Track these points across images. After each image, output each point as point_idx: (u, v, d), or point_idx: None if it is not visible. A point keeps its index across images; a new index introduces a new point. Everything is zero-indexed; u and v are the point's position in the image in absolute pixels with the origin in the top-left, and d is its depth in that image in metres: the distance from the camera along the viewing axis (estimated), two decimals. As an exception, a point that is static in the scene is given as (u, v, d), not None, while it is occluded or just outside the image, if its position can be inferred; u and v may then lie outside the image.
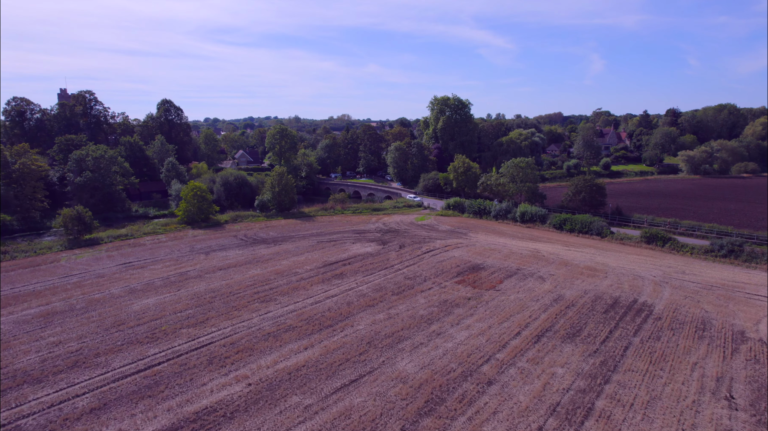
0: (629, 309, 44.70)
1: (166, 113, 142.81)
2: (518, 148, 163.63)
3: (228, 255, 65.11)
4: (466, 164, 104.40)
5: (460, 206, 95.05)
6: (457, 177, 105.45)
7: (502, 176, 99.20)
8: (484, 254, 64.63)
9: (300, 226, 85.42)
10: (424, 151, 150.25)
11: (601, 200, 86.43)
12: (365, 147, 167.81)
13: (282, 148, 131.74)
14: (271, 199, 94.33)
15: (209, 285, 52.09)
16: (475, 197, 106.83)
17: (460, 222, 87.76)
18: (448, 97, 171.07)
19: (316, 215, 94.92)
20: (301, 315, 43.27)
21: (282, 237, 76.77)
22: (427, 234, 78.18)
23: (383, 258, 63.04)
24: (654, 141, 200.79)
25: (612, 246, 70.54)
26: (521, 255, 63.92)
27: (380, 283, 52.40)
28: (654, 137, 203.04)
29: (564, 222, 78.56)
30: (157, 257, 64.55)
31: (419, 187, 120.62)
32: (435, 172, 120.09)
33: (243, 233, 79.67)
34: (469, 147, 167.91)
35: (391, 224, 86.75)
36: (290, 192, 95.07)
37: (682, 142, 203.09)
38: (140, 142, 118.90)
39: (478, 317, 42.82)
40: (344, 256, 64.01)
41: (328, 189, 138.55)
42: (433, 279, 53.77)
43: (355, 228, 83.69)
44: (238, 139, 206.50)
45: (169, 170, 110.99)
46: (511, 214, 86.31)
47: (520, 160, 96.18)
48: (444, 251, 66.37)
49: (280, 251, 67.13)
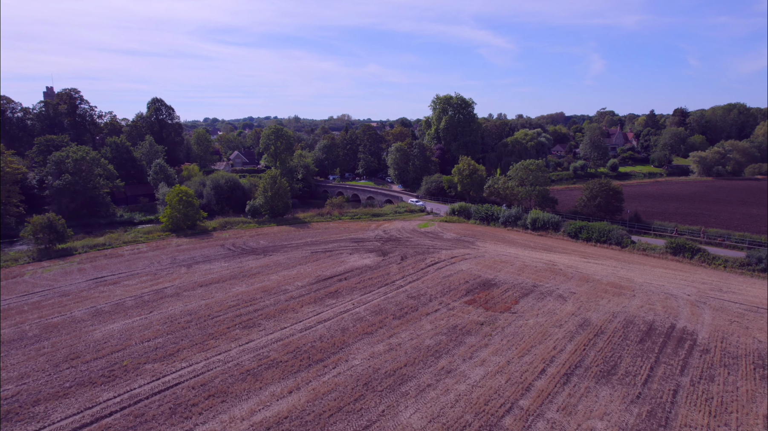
0: (668, 338, 38.55)
1: (156, 112, 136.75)
2: (524, 149, 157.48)
3: (212, 269, 59.00)
4: (471, 166, 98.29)
5: (465, 211, 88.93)
6: (461, 180, 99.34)
7: (510, 179, 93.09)
8: (495, 267, 58.50)
9: (294, 234, 79.31)
10: (426, 152, 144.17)
11: (618, 205, 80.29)
12: (365, 148, 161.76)
13: (277, 149, 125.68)
14: (263, 204, 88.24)
15: (186, 306, 45.98)
16: (481, 201, 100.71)
17: (466, 230, 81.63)
18: (450, 96, 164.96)
19: (311, 221, 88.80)
20: (288, 346, 37.15)
21: (273, 246, 70.66)
22: (431, 243, 72.07)
23: (383, 272, 56.91)
24: (663, 141, 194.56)
25: (634, 257, 64.38)
26: (536, 269, 57.79)
27: (380, 304, 46.28)
28: (662, 138, 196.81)
29: (580, 230, 72.42)
30: (134, 270, 58.43)
31: (421, 190, 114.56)
32: (438, 175, 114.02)
33: (231, 242, 73.56)
34: (472, 148, 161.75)
35: (391, 231, 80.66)
36: (284, 196, 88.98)
37: (692, 142, 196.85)
38: (127, 143, 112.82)
39: (494, 348, 36.69)
40: (340, 270, 57.89)
41: (326, 192, 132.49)
42: (440, 299, 47.65)
43: (353, 236, 77.60)
44: (233, 139, 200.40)
45: (157, 172, 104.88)
46: (522, 221, 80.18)
47: (530, 162, 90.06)
48: (450, 264, 60.25)
49: (269, 263, 61.02)
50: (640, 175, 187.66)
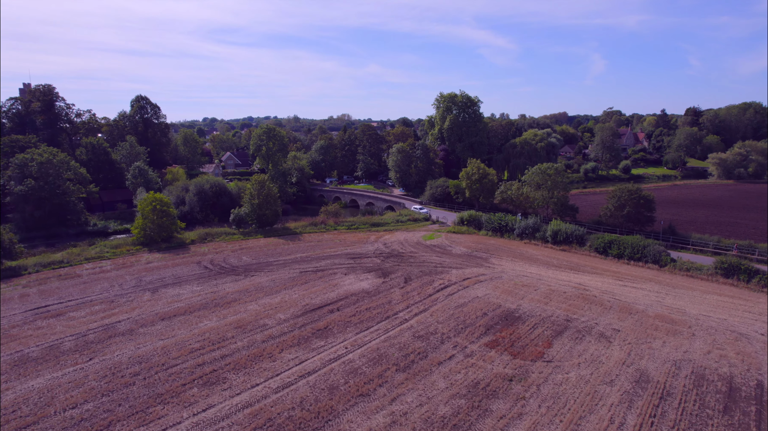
0: (761, 404, 29.28)
1: (141, 111, 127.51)
2: (533, 150, 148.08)
3: (181, 294, 49.79)
4: (481, 170, 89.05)
5: (476, 221, 79.67)
6: (470, 185, 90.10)
7: (525, 184, 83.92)
8: (517, 293, 49.25)
9: (282, 248, 70.09)
10: (430, 154, 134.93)
11: (649, 215, 71.02)
12: (364, 149, 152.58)
13: (269, 151, 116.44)
14: (250, 213, 79.02)
15: (138, 349, 36.78)
16: (492, 209, 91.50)
17: (477, 243, 72.37)
18: (455, 94, 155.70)
19: (303, 232, 79.52)
20: (257, 418, 27.93)
21: (257, 264, 61.44)
22: (439, 259, 62.85)
23: (383, 299, 47.68)
24: (677, 142, 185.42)
25: (678, 280, 55.07)
26: (565, 296, 48.54)
27: (379, 347, 37.06)
28: (677, 138, 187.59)
29: (609, 245, 63.16)
30: (88, 296, 49.22)
31: (425, 195, 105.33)
32: (443, 179, 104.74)
33: (210, 258, 64.35)
34: (478, 149, 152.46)
35: (393, 244, 71.43)
36: (273, 204, 79.76)
37: (708, 143, 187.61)
38: (105, 144, 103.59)
39: (531, 421, 27.46)
40: (332, 296, 48.68)
41: (322, 197, 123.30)
42: (454, 339, 38.42)
43: (349, 250, 68.39)
44: (227, 139, 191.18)
45: (136, 176, 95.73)
46: (540, 233, 70.90)
47: (548, 165, 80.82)
48: (463, 288, 51.00)
49: (249, 287, 51.80)
50: (653, 177, 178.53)
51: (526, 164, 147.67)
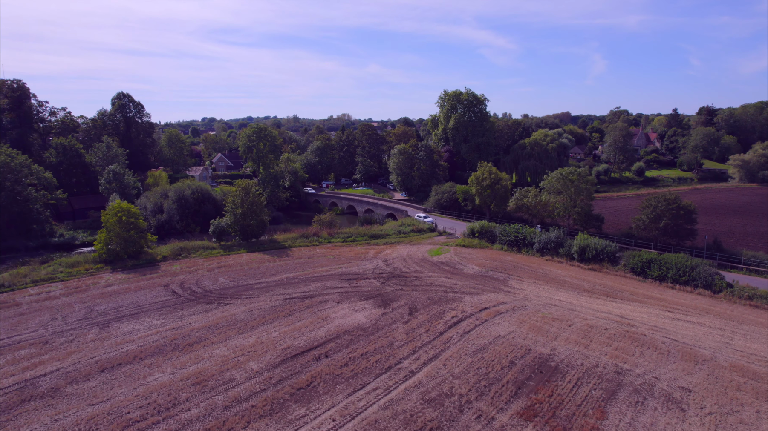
0: None
1: (122, 109, 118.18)
2: (544, 152, 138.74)
3: (136, 331, 40.52)
4: (493, 175, 79.67)
5: (488, 233, 70.32)
6: (481, 191, 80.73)
7: (543, 191, 74.65)
8: (547, 329, 39.96)
9: (267, 266, 60.81)
10: (434, 155, 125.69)
11: (690, 228, 61.68)
12: (363, 150, 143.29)
13: (260, 152, 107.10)
14: (232, 224, 69.71)
15: (54, 423, 27.52)
16: (505, 218, 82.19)
17: (491, 259, 63.07)
18: (460, 92, 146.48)
19: (293, 246, 70.18)
20: None
21: (235, 287, 52.16)
22: (449, 281, 53.56)
23: (384, 339, 38.40)
24: (693, 143, 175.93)
25: (740, 311, 45.70)
26: (608, 334, 39.23)
27: (378, 420, 27.76)
28: (692, 139, 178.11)
29: (648, 264, 53.84)
30: (17, 334, 39.96)
31: (430, 202, 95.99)
32: (450, 184, 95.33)
33: (181, 279, 55.09)
34: (485, 150, 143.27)
35: (395, 261, 62.16)
36: (259, 213, 70.47)
37: (726, 144, 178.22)
38: (78, 145, 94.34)
39: None
40: (321, 335, 39.41)
41: (317, 202, 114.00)
42: (477, 405, 29.12)
43: (344, 269, 59.11)
44: (219, 140, 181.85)
45: (110, 181, 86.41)
46: (565, 249, 61.57)
47: (569, 170, 71.54)
48: (481, 322, 41.70)
49: (221, 321, 42.53)
50: (668, 180, 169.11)
51: (536, 166, 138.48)
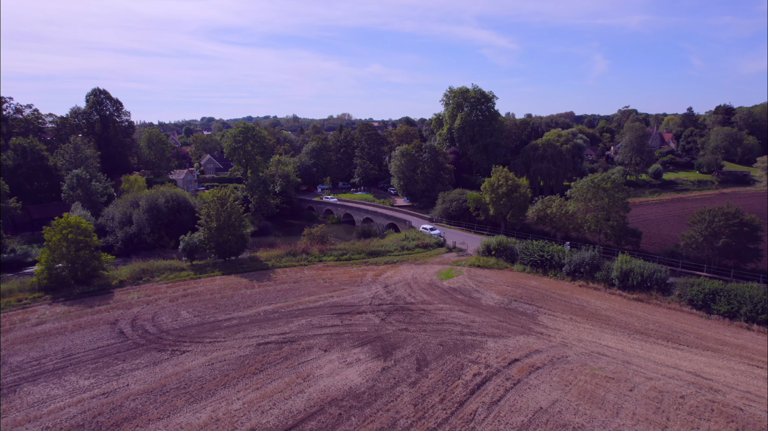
0: None
1: (98, 107, 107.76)
2: (558, 153, 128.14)
3: (50, 399, 30.15)
4: (510, 181, 69.14)
5: (507, 251, 59.85)
6: (496, 200, 70.22)
7: (571, 200, 64.23)
8: (602, 397, 29.49)
9: (243, 295, 50.39)
10: (439, 157, 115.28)
11: (753, 248, 51.17)
12: (363, 151, 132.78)
13: (247, 154, 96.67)
14: (206, 240, 59.30)
15: None
16: (524, 231, 71.75)
17: (513, 284, 52.59)
18: (467, 89, 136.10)
19: (277, 266, 59.68)
20: None
21: (198, 326, 41.78)
22: (465, 317, 43.14)
23: (383, 417, 27.97)
24: (713, 144, 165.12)
25: None
26: (687, 405, 28.76)
27: None
28: (712, 139, 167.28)
29: (713, 296, 43.39)
30: None
31: (437, 210, 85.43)
32: (459, 191, 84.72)
33: (135, 312, 44.70)
34: (494, 151, 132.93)
35: (398, 287, 51.76)
36: (237, 227, 60.10)
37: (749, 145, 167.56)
38: (40, 146, 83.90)
39: None
40: (298, 407, 29.00)
41: (311, 209, 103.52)
42: None
43: (336, 298, 48.70)
44: (210, 140, 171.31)
45: (74, 187, 76.00)
46: (601, 273, 51.10)
47: (602, 177, 61.10)
48: (513, 384, 31.23)
49: (170, 380, 32.11)
50: (687, 183, 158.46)
51: (549, 169, 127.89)
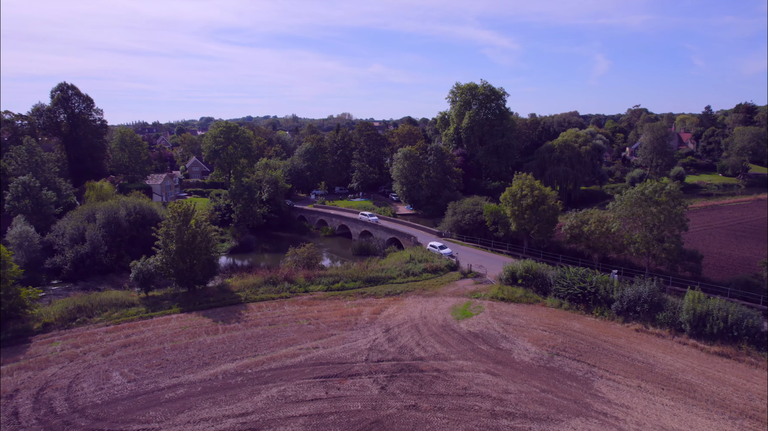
0: None
1: (65, 104, 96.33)
2: (576, 156, 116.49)
3: None
4: (536, 191, 57.44)
5: (538, 280, 48.15)
6: (518, 213, 58.53)
7: (615, 215, 52.59)
8: None
9: (202, 344, 38.78)
10: (445, 161, 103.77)
11: None
12: (362, 153, 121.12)
13: (230, 158, 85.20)
14: (164, 266, 47.68)
15: None
16: (551, 250, 60.12)
17: (550, 326, 40.91)
18: (475, 85, 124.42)
19: (252, 299, 47.97)
20: None
21: (131, 399, 30.20)
22: (495, 385, 31.51)
23: None
24: (739, 144, 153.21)
25: None
26: None
27: None
28: (737, 140, 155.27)
29: (833, 356, 31.61)
30: None
31: (446, 222, 73.67)
32: (472, 201, 72.79)
33: (47, 376, 33.17)
34: (505, 153, 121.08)
35: (402, 332, 40.15)
36: (204, 250, 48.56)
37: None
38: (-14, 150, 72.73)
39: None
40: None
41: (303, 219, 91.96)
42: None
43: (321, 350, 37.10)
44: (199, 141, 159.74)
45: (18, 197, 64.61)
46: (665, 314, 39.47)
47: (654, 187, 49.46)
48: None
49: None
50: (712, 186, 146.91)
51: (567, 173, 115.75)
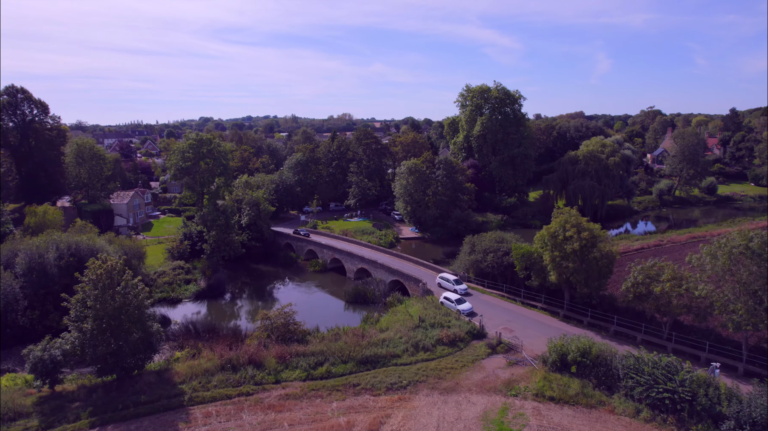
0: None
1: (14, 110, 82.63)
2: (603, 168, 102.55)
3: None
4: (585, 234, 43.50)
5: (599, 368, 34.26)
6: (560, 259, 44.56)
7: (703, 267, 38.70)
8: None
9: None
10: (456, 176, 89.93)
11: None
12: (360, 166, 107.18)
13: (201, 177, 71.39)
14: (77, 351, 33.86)
15: None
16: (602, 306, 46.20)
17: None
18: (488, 87, 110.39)
19: (199, 397, 34.09)
20: None
21: None
22: None
23: None
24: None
25: None
26: None
27: None
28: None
29: None
30: None
31: (461, 260, 59.36)
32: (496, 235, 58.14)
33: None
34: (522, 164, 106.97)
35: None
36: (137, 323, 34.72)
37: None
38: None
39: None
40: None
41: (289, 248, 78.04)
42: None
43: None
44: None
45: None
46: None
47: (755, 236, 35.49)
48: None
49: None
50: (747, 199, 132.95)
51: (593, 188, 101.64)
